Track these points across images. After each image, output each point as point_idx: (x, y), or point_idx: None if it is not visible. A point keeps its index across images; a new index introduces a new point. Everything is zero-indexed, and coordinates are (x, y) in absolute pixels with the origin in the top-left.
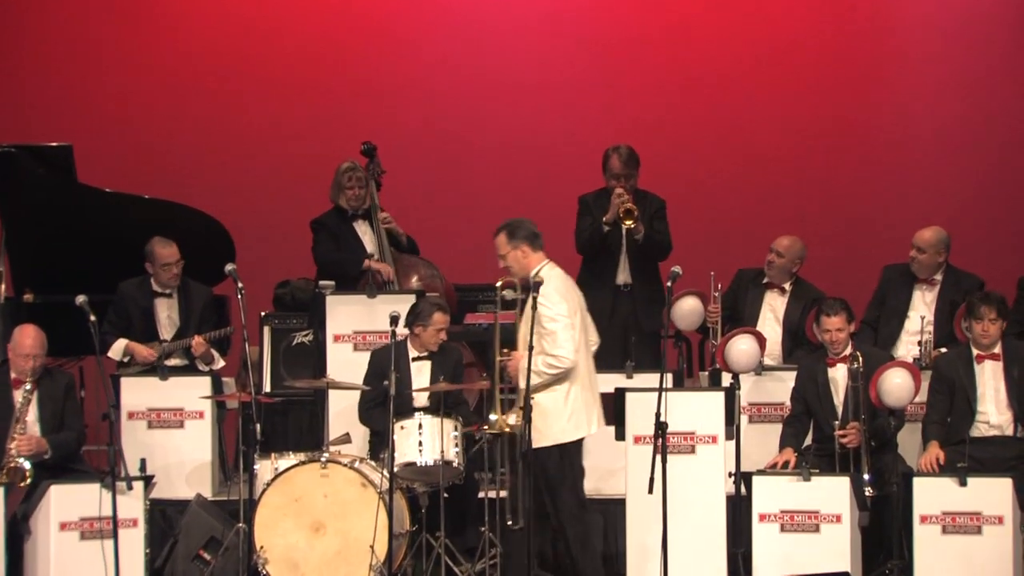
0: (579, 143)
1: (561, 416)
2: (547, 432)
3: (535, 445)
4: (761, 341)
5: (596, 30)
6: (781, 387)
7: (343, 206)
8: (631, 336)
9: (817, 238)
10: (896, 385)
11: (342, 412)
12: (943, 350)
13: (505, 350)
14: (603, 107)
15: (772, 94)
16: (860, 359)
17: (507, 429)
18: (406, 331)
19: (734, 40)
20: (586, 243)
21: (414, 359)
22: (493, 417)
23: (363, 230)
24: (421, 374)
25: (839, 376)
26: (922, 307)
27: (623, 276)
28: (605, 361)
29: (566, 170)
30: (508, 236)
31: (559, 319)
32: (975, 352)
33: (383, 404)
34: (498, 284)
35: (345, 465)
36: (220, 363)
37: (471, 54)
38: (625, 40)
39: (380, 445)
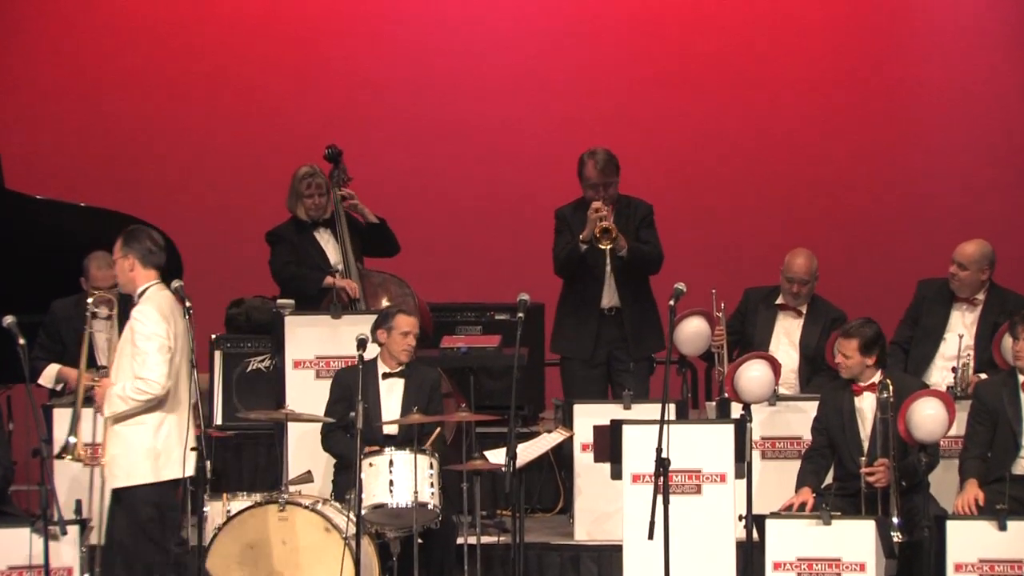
0: (571, 146)
1: (148, 453)
2: (131, 470)
3: (116, 484)
4: (775, 367)
5: (584, 18)
6: (798, 419)
7: (301, 217)
8: (614, 366)
9: (838, 252)
10: (928, 417)
11: (303, 447)
12: (983, 376)
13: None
14: (596, 106)
15: (785, 89)
16: (890, 387)
17: (84, 459)
18: (375, 349)
19: (742, 27)
20: (563, 264)
21: (384, 376)
22: (72, 440)
23: (325, 239)
24: (392, 394)
25: (866, 406)
26: (960, 329)
27: (608, 299)
28: (590, 394)
29: (557, 177)
30: (123, 242)
31: (154, 339)
32: (1021, 379)
33: (347, 429)
34: (89, 300)
35: (306, 507)
36: None
37: (449, 54)
38: (617, 30)
39: (345, 484)
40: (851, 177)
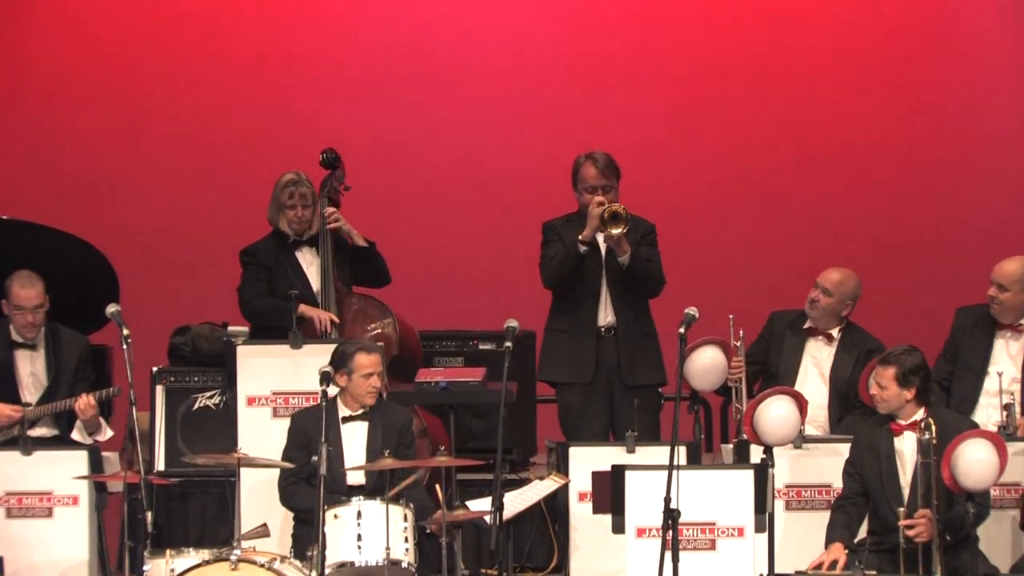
0: (565, 159)
1: None
2: None
3: None
4: (801, 404)
5: (582, 20)
6: (828, 463)
7: (284, 230)
8: (616, 399)
9: (874, 275)
10: (976, 462)
11: (257, 496)
12: None
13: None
14: (595, 112)
15: (816, 96)
16: (933, 427)
17: None
18: (334, 389)
19: (770, 25)
20: (556, 269)
21: (344, 420)
22: None
23: (308, 260)
24: (355, 438)
25: (907, 448)
26: (1006, 360)
27: (606, 316)
28: (589, 430)
29: (548, 190)
30: None
31: None
32: None
33: (309, 479)
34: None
35: (262, 566)
36: (107, 432)
37: (431, 66)
38: (621, 24)
39: (307, 539)
40: (888, 193)
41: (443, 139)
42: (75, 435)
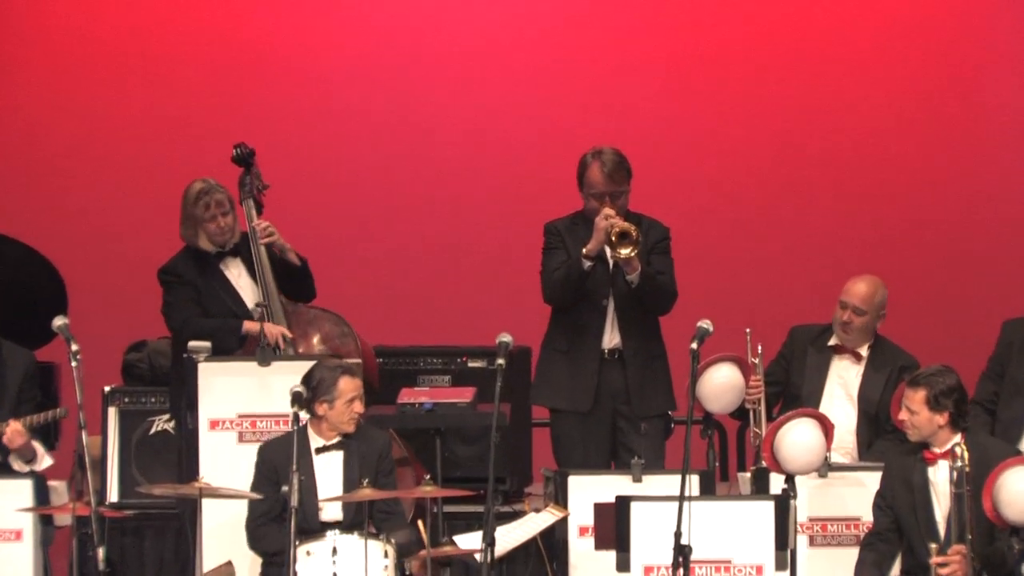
0: (565, 150)
1: None
2: None
3: None
4: (827, 428)
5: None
6: (856, 494)
7: (204, 247)
8: (620, 425)
9: (908, 287)
10: (1022, 492)
11: (221, 530)
12: None
13: None
14: (600, 105)
15: (839, 96)
16: (966, 454)
17: None
18: (306, 416)
19: (788, 28)
20: (558, 285)
21: (318, 451)
22: None
23: (236, 273)
24: (329, 470)
25: (942, 479)
26: None
27: (611, 338)
28: (586, 463)
29: (548, 189)
30: None
31: None
32: None
33: (280, 519)
34: None
35: None
36: (46, 461)
37: (416, 48)
38: (629, 13)
39: None
40: (918, 196)
41: (433, 136)
42: (13, 464)
